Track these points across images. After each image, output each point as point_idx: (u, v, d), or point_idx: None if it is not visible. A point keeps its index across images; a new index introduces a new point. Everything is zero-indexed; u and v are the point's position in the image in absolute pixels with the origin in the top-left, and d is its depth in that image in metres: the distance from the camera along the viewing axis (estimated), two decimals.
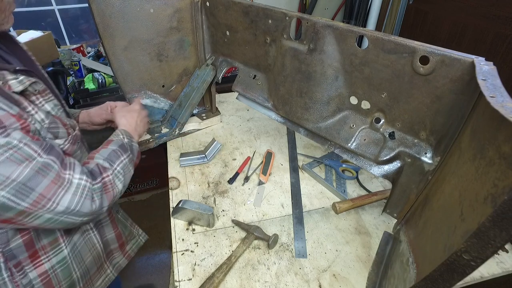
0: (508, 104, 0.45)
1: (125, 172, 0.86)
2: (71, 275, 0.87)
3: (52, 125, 0.74)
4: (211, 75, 1.40)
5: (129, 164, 0.89)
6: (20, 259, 0.76)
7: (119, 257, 1.08)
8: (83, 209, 0.71)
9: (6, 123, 0.60)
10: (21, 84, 0.67)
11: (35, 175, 0.63)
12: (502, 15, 1.89)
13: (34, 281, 0.79)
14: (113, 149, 0.86)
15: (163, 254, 2.13)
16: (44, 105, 0.75)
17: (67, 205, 0.68)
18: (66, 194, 0.68)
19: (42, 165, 0.65)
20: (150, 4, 1.17)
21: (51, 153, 0.68)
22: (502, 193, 0.38)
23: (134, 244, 1.15)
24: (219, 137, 1.50)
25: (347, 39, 0.85)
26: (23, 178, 0.61)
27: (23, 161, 0.62)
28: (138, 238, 1.17)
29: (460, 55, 0.66)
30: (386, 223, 1.08)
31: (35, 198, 0.63)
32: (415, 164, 0.84)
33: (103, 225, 0.99)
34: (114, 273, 1.05)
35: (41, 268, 0.80)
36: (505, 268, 0.94)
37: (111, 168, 0.82)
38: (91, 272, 0.95)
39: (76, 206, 0.70)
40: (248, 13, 1.07)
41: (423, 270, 0.59)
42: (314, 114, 1.03)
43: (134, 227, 1.16)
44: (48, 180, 0.65)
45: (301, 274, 0.92)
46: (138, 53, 1.26)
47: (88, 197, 0.72)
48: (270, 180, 1.26)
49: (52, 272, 0.82)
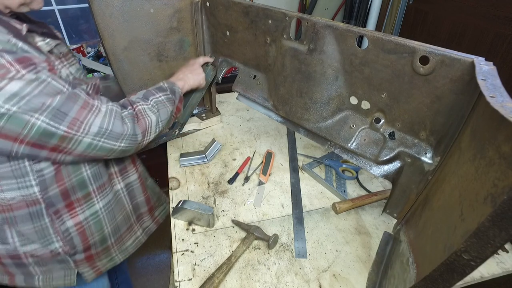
0: (508, 104, 0.45)
1: (160, 107, 0.92)
2: (102, 229, 0.95)
3: (76, 81, 0.80)
4: (211, 75, 1.40)
5: (166, 101, 0.95)
6: (58, 207, 0.84)
7: (148, 221, 1.15)
8: (115, 128, 0.77)
9: (36, 61, 0.66)
10: (48, 45, 0.76)
11: (66, 102, 0.69)
12: (502, 15, 1.89)
13: (71, 229, 0.88)
14: (149, 90, 0.94)
15: (163, 254, 2.13)
16: (69, 68, 0.83)
17: (99, 125, 0.74)
18: (97, 118, 0.74)
19: (71, 94, 0.71)
20: (150, 4, 1.17)
21: (77, 87, 0.74)
22: (502, 193, 0.38)
23: (162, 211, 1.21)
24: (219, 137, 1.50)
25: (347, 39, 0.85)
26: (56, 103, 0.68)
27: (54, 93, 0.68)
28: (165, 206, 1.23)
29: (460, 55, 0.66)
30: (386, 223, 1.08)
31: (70, 121, 0.70)
32: (415, 164, 0.84)
33: (133, 187, 1.04)
34: (144, 236, 1.12)
35: (76, 218, 0.88)
36: (505, 268, 0.94)
37: (144, 102, 0.89)
38: (122, 230, 1.02)
39: (108, 126, 0.76)
40: (248, 13, 1.07)
41: (423, 270, 0.59)
42: (314, 114, 1.03)
43: (162, 194, 1.23)
44: (78, 106, 0.72)
45: (301, 274, 0.92)
46: (138, 53, 1.26)
47: (117, 118, 0.78)
48: (270, 180, 1.26)
49: (86, 223, 0.90)
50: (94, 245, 0.94)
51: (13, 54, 0.63)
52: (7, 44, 0.64)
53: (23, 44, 0.67)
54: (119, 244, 1.02)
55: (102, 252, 0.98)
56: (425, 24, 2.49)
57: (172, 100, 0.98)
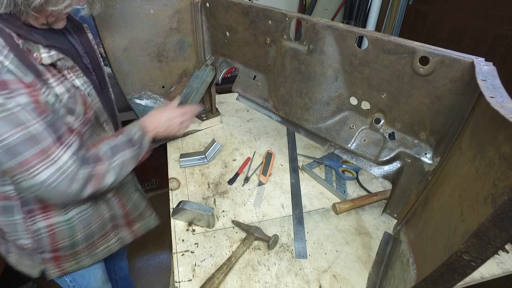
0: (508, 105, 0.45)
1: (123, 167, 0.89)
2: (74, 235, 0.94)
3: (71, 100, 0.78)
4: (211, 75, 1.40)
5: (131, 159, 0.91)
6: (33, 207, 0.85)
7: (125, 232, 1.11)
8: (60, 187, 0.73)
9: (12, 87, 0.65)
10: (50, 58, 0.75)
11: (24, 142, 0.67)
12: (502, 15, 1.90)
13: (42, 230, 0.88)
14: (120, 142, 0.89)
15: (163, 255, 2.12)
16: (75, 80, 0.82)
17: (44, 179, 0.70)
18: (47, 170, 0.71)
19: (34, 135, 0.68)
20: (150, 5, 1.17)
21: (50, 126, 0.71)
22: (502, 193, 0.38)
23: (143, 226, 1.17)
24: (219, 138, 1.50)
25: (346, 39, 0.85)
26: (13, 140, 0.66)
27: (18, 125, 0.66)
28: (149, 221, 1.19)
29: (460, 55, 0.66)
30: (386, 224, 1.08)
31: (19, 162, 0.67)
32: (415, 164, 0.84)
33: (110, 203, 1.02)
34: (117, 244, 1.09)
35: (49, 220, 0.88)
36: (505, 269, 0.94)
37: (109, 160, 0.85)
38: (95, 237, 1.00)
39: (52, 183, 0.72)
40: (248, 13, 1.07)
41: (423, 271, 0.59)
42: (314, 114, 1.03)
43: (148, 209, 1.18)
44: (35, 151, 0.69)
45: (301, 275, 0.92)
46: (138, 54, 1.26)
47: (67, 179, 0.74)
48: (270, 181, 1.26)
49: (58, 227, 0.90)
50: (63, 248, 0.94)
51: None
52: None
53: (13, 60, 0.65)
54: (90, 249, 1.01)
55: (70, 255, 0.97)
56: (424, 24, 2.49)
57: (137, 156, 0.94)
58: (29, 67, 0.69)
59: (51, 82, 0.75)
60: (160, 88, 1.41)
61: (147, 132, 0.99)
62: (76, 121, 0.81)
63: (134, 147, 0.92)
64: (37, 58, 0.72)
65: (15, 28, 0.69)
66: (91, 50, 0.95)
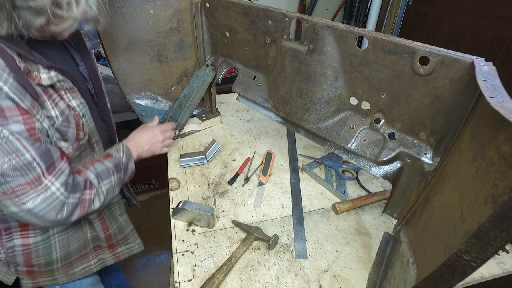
0: (508, 105, 0.45)
1: (109, 193, 0.88)
2: (51, 254, 0.93)
3: (64, 123, 0.78)
4: (211, 75, 1.40)
5: (116, 185, 0.91)
6: (11, 225, 0.85)
7: (107, 255, 1.08)
8: (46, 216, 0.73)
9: (8, 114, 0.64)
10: (50, 79, 0.75)
11: (15, 171, 0.66)
12: (502, 15, 1.90)
13: (16, 248, 0.88)
14: (107, 167, 0.89)
15: (163, 255, 2.12)
16: (71, 101, 0.81)
17: (32, 207, 0.70)
18: (37, 198, 0.70)
19: (25, 164, 0.68)
20: (150, 5, 1.17)
21: (42, 156, 0.70)
22: (502, 194, 0.38)
23: (126, 250, 1.13)
24: (219, 138, 1.50)
25: (347, 39, 0.85)
26: (2, 168, 0.65)
27: (10, 153, 0.65)
28: (133, 246, 1.15)
29: (460, 55, 0.67)
30: (386, 224, 1.08)
31: (6, 190, 0.67)
32: (415, 164, 0.84)
33: (93, 224, 1.00)
34: (97, 266, 1.07)
35: (25, 240, 0.88)
36: (505, 269, 0.94)
37: (97, 186, 0.84)
38: (73, 257, 0.99)
39: (40, 212, 0.72)
40: (248, 14, 1.07)
41: (423, 271, 0.59)
42: (314, 114, 1.03)
43: (133, 234, 1.14)
44: (24, 180, 0.68)
45: (302, 275, 0.92)
46: (138, 54, 1.26)
47: (55, 209, 0.74)
48: (270, 181, 1.26)
49: (34, 246, 0.90)
50: (38, 265, 0.93)
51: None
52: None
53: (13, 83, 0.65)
54: (66, 268, 0.99)
55: (45, 272, 0.96)
56: (424, 24, 2.49)
57: (122, 182, 0.94)
58: (27, 90, 0.68)
59: (47, 104, 0.74)
60: (160, 88, 1.41)
61: (131, 156, 0.99)
62: (68, 148, 0.81)
63: (120, 172, 0.92)
64: (35, 78, 0.71)
65: (17, 48, 0.68)
66: (94, 74, 0.95)
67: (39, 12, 0.64)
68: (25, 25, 0.65)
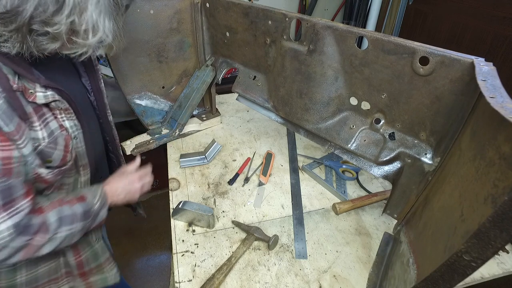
0: (508, 105, 0.45)
1: (65, 240, 0.80)
2: (14, 277, 0.84)
3: (51, 145, 0.74)
4: (211, 76, 1.41)
5: (78, 232, 0.82)
6: None
7: (79, 283, 0.99)
8: None
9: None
10: (45, 98, 0.72)
11: None
12: (502, 15, 1.90)
13: None
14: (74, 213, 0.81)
15: (163, 255, 2.12)
16: (65, 121, 0.78)
17: None
18: None
19: None
20: (150, 5, 1.18)
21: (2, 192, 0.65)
22: (503, 194, 0.38)
23: (100, 280, 1.02)
24: (219, 138, 1.50)
25: (346, 40, 0.85)
26: None
27: None
28: (107, 276, 1.04)
29: (460, 55, 0.67)
30: (386, 224, 1.08)
31: None
32: (415, 164, 0.84)
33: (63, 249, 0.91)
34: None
35: None
36: (505, 269, 0.94)
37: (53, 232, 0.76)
38: (40, 282, 0.90)
39: None
40: (248, 14, 1.07)
41: (423, 271, 0.59)
42: (314, 115, 1.03)
43: (109, 263, 1.03)
44: None
45: (302, 275, 0.92)
46: (138, 54, 1.26)
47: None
48: (270, 181, 1.26)
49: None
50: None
51: None
52: None
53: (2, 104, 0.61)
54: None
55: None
56: (424, 24, 2.49)
57: (86, 229, 0.85)
58: (16, 111, 0.65)
59: (35, 125, 0.70)
60: (160, 88, 1.41)
61: (106, 203, 0.90)
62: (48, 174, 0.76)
63: (88, 220, 0.84)
64: (31, 96, 0.68)
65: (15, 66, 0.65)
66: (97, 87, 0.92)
67: (55, 38, 0.63)
68: (38, 49, 0.64)
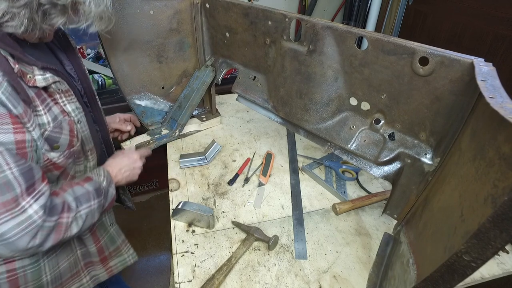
0: (508, 105, 0.45)
1: (87, 218, 0.81)
2: (40, 277, 0.84)
3: (56, 129, 0.73)
4: (211, 76, 1.41)
5: (96, 210, 0.84)
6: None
7: (99, 270, 1.02)
8: (17, 243, 0.66)
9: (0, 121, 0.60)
10: (45, 81, 0.71)
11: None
12: (502, 16, 1.90)
13: (1, 275, 0.77)
14: (88, 190, 0.82)
15: (163, 255, 2.12)
16: (66, 105, 0.77)
17: (4, 231, 0.64)
18: (11, 221, 0.64)
19: (4, 182, 0.62)
20: (150, 6, 1.18)
21: (24, 174, 0.65)
22: (502, 194, 0.38)
23: (120, 262, 1.06)
24: (219, 139, 1.50)
25: (346, 40, 0.85)
26: None
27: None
28: (126, 257, 1.08)
29: (460, 56, 0.67)
30: (386, 224, 1.08)
31: None
32: (415, 165, 0.84)
33: (82, 238, 0.94)
34: (90, 284, 1.00)
35: (11, 264, 0.78)
36: (505, 269, 0.94)
37: (75, 210, 0.77)
38: (64, 278, 0.91)
39: (12, 237, 0.65)
40: (248, 14, 1.07)
41: (423, 271, 0.59)
42: (314, 115, 1.03)
43: (125, 245, 1.08)
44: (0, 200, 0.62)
45: (302, 276, 0.92)
46: (137, 55, 1.26)
47: (29, 234, 0.67)
48: (270, 182, 1.26)
49: (21, 271, 0.80)
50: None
51: None
52: None
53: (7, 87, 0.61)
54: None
55: None
56: (424, 25, 2.49)
57: (102, 208, 0.87)
58: (20, 94, 0.64)
59: (39, 109, 0.69)
60: (160, 89, 1.41)
61: (112, 181, 0.92)
62: (60, 157, 0.76)
63: (101, 197, 0.85)
64: (30, 80, 0.67)
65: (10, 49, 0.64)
66: (83, 73, 0.90)
67: (63, 10, 0.63)
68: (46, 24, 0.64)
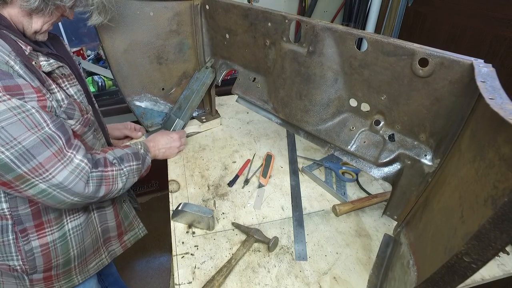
0: (508, 106, 0.45)
1: (129, 176, 0.91)
2: (68, 251, 0.92)
3: (70, 106, 0.80)
4: (211, 77, 1.41)
5: (135, 171, 0.94)
6: (26, 226, 0.82)
7: (116, 245, 1.12)
8: (76, 188, 0.74)
9: (25, 91, 0.66)
10: (50, 66, 0.76)
11: (40, 144, 0.67)
12: (501, 17, 1.90)
13: (35, 249, 0.85)
14: (127, 152, 0.93)
15: (163, 257, 2.12)
16: (69, 88, 0.83)
17: (61, 180, 0.71)
18: (64, 169, 0.72)
19: (48, 136, 0.69)
20: (150, 7, 1.18)
21: (60, 129, 0.72)
22: (502, 195, 0.38)
23: (132, 236, 1.18)
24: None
25: (346, 41, 0.85)
26: (28, 143, 0.66)
27: (33, 127, 0.66)
28: (137, 231, 1.20)
29: (459, 57, 0.67)
30: (387, 225, 1.08)
31: (34, 166, 0.67)
32: (415, 166, 0.84)
33: (105, 212, 1.02)
34: (108, 258, 1.09)
35: (43, 239, 0.86)
36: (506, 270, 0.94)
37: (118, 166, 0.87)
38: (87, 253, 1.00)
39: (70, 184, 0.73)
40: (248, 16, 1.08)
41: (423, 273, 0.59)
42: (313, 116, 1.03)
43: (136, 220, 1.20)
44: (50, 152, 0.69)
45: (302, 277, 0.91)
46: (137, 56, 1.26)
47: (83, 179, 0.75)
48: (270, 183, 1.26)
49: (52, 245, 0.88)
50: (56, 267, 0.92)
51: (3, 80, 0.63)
52: (3, 66, 0.64)
53: (21, 66, 0.67)
54: (81, 266, 0.99)
55: (62, 274, 0.95)
56: (424, 26, 2.49)
57: (140, 171, 0.98)
58: (34, 72, 0.70)
59: (52, 88, 0.76)
60: (160, 90, 1.41)
61: (149, 151, 1.05)
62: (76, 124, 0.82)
63: (139, 161, 0.95)
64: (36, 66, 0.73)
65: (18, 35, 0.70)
66: (71, 61, 0.94)
67: None
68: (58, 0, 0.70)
